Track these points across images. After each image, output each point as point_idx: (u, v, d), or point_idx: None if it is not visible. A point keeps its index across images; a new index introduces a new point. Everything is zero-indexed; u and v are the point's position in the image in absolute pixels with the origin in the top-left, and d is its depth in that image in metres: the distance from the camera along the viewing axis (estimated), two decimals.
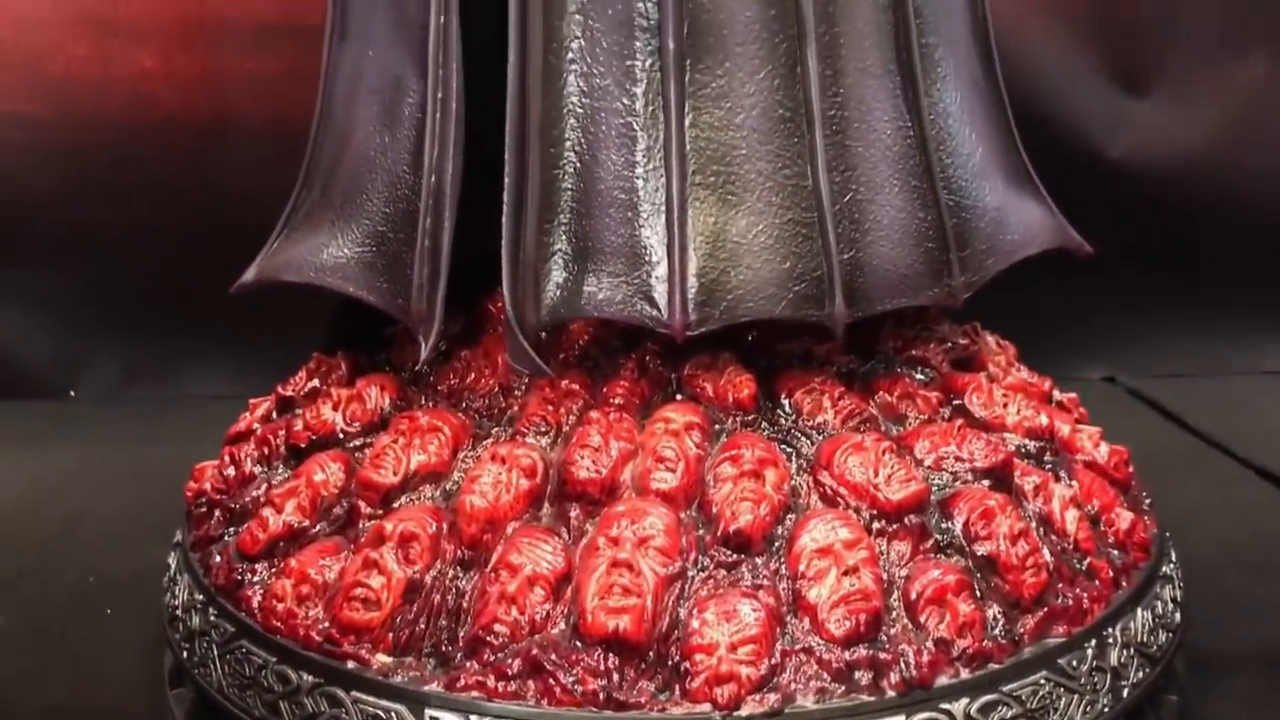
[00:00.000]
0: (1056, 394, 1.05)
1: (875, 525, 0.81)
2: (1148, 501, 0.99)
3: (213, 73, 1.57)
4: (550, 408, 0.88)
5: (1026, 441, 0.92)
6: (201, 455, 1.08)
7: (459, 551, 0.80)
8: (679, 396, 0.89)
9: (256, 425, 1.02)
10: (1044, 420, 0.93)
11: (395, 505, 0.85)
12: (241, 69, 1.57)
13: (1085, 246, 1.03)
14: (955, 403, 0.94)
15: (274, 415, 1.01)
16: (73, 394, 1.67)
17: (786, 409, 0.88)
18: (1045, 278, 1.11)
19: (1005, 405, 0.94)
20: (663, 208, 0.84)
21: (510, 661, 0.75)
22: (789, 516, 0.81)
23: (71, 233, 1.61)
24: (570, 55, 0.86)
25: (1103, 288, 1.63)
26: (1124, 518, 0.91)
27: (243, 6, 1.56)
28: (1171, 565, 0.95)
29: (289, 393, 1.01)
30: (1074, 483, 0.91)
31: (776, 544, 0.79)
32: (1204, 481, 1.38)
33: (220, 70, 1.57)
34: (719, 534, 0.79)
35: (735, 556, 0.78)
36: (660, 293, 0.83)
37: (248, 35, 1.57)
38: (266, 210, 1.14)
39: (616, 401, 0.87)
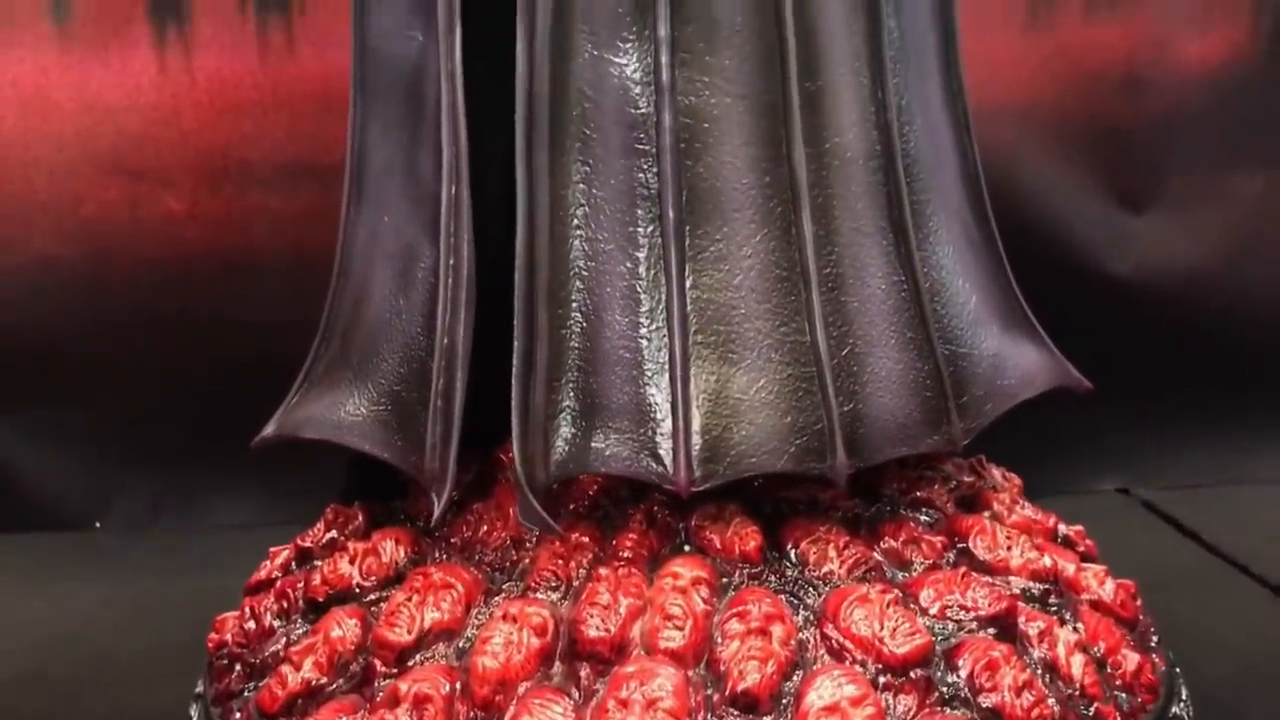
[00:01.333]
0: (1062, 528, 1.06)
1: (881, 679, 0.82)
2: (1155, 638, 0.99)
3: (237, 212, 1.63)
4: (560, 561, 0.90)
5: (1031, 584, 0.93)
6: (227, 588, 1.10)
7: (472, 713, 0.82)
8: (687, 548, 0.91)
9: (276, 574, 1.04)
10: (1048, 562, 0.95)
11: (410, 664, 0.86)
12: (265, 208, 1.63)
13: (1084, 383, 1.06)
14: (960, 546, 0.95)
15: (293, 567, 1.03)
16: (99, 525, 1.70)
17: (793, 559, 0.90)
18: (1056, 391, 1.13)
19: (1009, 547, 0.95)
20: (666, 366, 0.87)
21: None
22: (796, 672, 0.82)
23: (100, 368, 1.65)
24: (575, 221, 0.90)
25: (1114, 400, 1.64)
26: (1131, 659, 0.91)
27: (264, 149, 1.62)
28: (1182, 704, 0.95)
29: (308, 544, 1.03)
30: (1079, 625, 0.92)
31: (784, 701, 0.80)
32: (1221, 602, 1.37)
33: (244, 210, 1.63)
34: (727, 693, 0.80)
35: (744, 716, 0.79)
36: (665, 449, 0.86)
37: (270, 176, 1.62)
38: (289, 343, 1.18)
39: (625, 555, 0.89)
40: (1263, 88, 1.66)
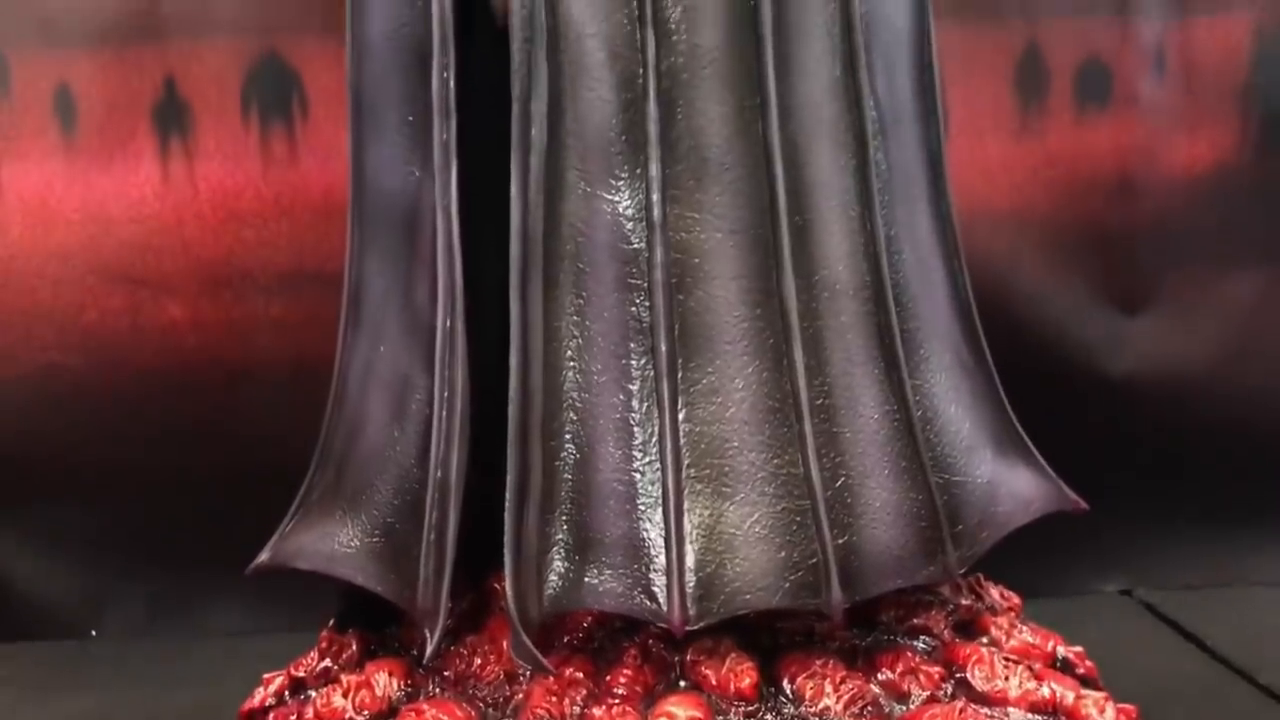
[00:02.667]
0: (1062, 650, 1.06)
1: None
2: None
3: (237, 320, 1.64)
4: (554, 698, 0.89)
5: (1029, 717, 0.92)
6: (222, 698, 1.09)
7: None
8: (682, 684, 0.90)
9: (271, 701, 1.03)
10: (1046, 693, 0.94)
11: None
12: (265, 316, 1.64)
13: (1080, 504, 1.06)
14: (958, 676, 0.94)
15: (286, 696, 1.02)
16: (94, 633, 1.69)
17: (789, 695, 0.89)
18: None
19: (1007, 677, 0.94)
20: (660, 501, 0.87)
21: None
22: None
23: (98, 474, 1.65)
24: (569, 354, 0.91)
25: (1114, 501, 1.64)
26: None
27: (266, 257, 1.63)
28: None
29: (301, 674, 1.02)
30: None
31: None
32: (1225, 714, 1.36)
33: (244, 318, 1.64)
34: None
35: None
36: (659, 586, 0.86)
37: (271, 283, 1.64)
38: (288, 450, 1.18)
39: (619, 692, 0.89)
40: (1253, 190, 1.67)
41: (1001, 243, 1.66)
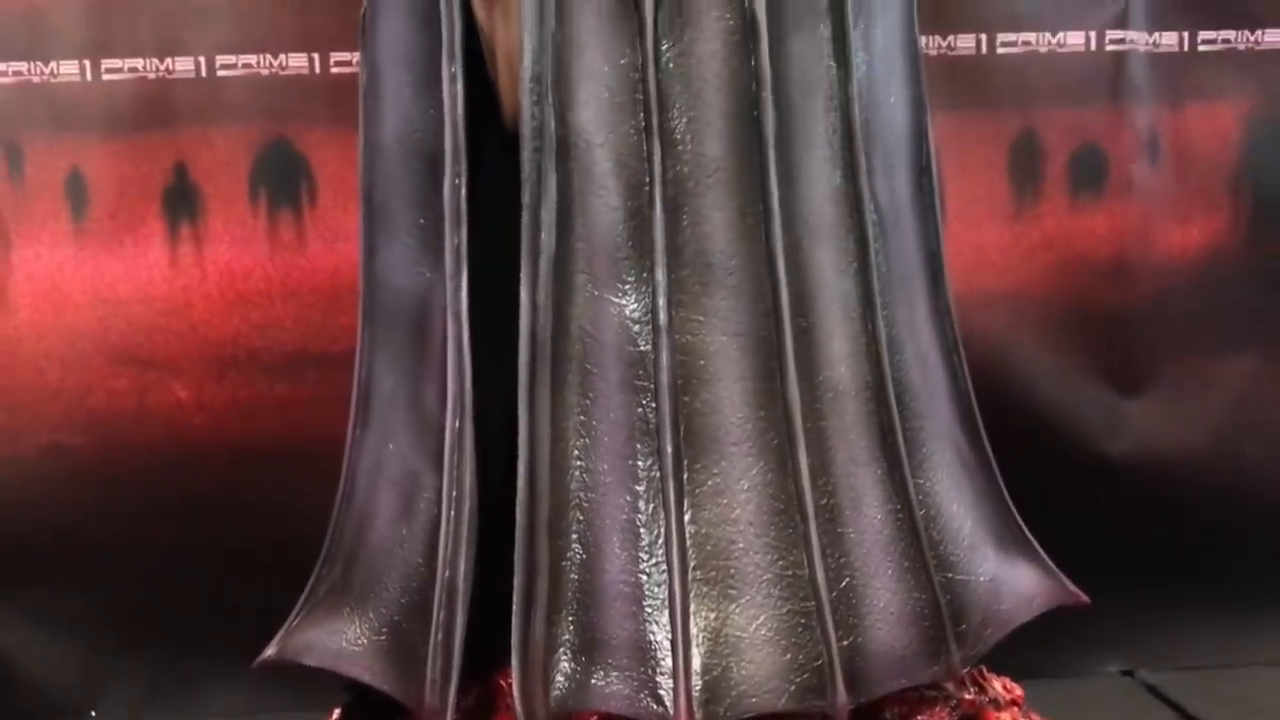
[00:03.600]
0: None
1: None
2: None
3: (242, 401, 1.65)
4: None
5: None
6: None
7: None
8: None
9: None
10: None
11: None
12: (269, 396, 1.65)
13: (1082, 598, 1.07)
14: None
15: None
16: (94, 714, 1.68)
17: None
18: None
19: None
20: (666, 603, 0.88)
21: None
22: None
23: (100, 553, 1.65)
24: (576, 453, 0.92)
25: (1116, 582, 1.65)
26: None
27: (271, 338, 1.65)
28: None
29: None
30: None
31: None
32: None
33: (250, 398, 1.65)
34: None
35: None
36: (666, 689, 0.86)
37: (276, 364, 1.65)
38: (291, 531, 1.19)
39: None
40: (1246, 273, 1.70)
41: (998, 325, 1.68)
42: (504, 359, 0.94)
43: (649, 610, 0.88)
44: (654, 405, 0.91)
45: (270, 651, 1.04)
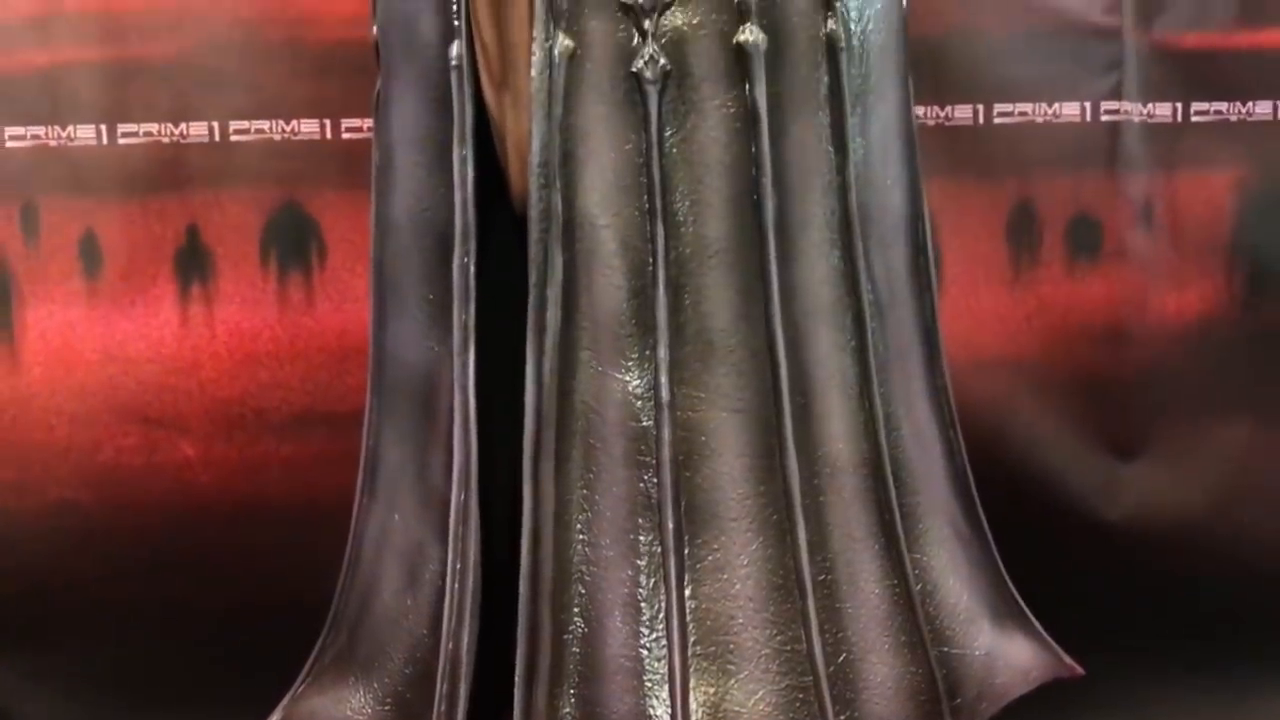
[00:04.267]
0: None
1: None
2: None
3: (249, 459, 1.67)
4: None
5: None
6: None
7: None
8: None
9: None
10: None
11: None
12: (276, 455, 1.67)
13: (1077, 670, 1.08)
14: None
15: None
16: None
17: None
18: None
19: None
20: (665, 678, 0.90)
21: None
22: None
23: (106, 611, 1.67)
24: (579, 527, 0.94)
25: (1114, 647, 1.66)
26: None
27: (279, 397, 1.67)
28: None
29: None
30: None
31: None
32: None
33: (256, 457, 1.67)
34: None
35: None
36: None
37: (283, 423, 1.68)
38: (297, 589, 1.20)
39: None
40: (1240, 339, 1.72)
41: (995, 390, 1.70)
42: (509, 431, 0.96)
43: (649, 685, 0.90)
44: (655, 481, 0.93)
45: (275, 718, 1.05)
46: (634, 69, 0.93)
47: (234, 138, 1.66)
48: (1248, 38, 1.71)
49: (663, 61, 0.93)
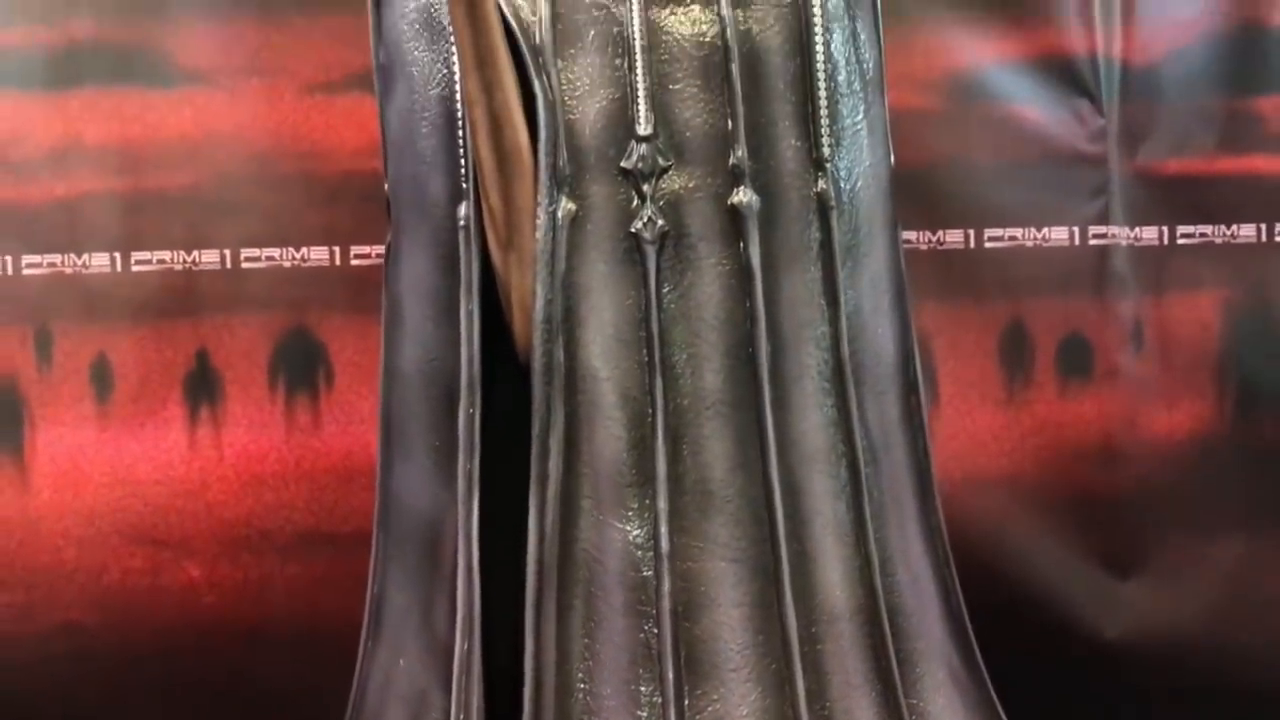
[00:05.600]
0: None
1: None
2: None
3: (254, 580, 1.69)
4: None
5: None
6: None
7: None
8: None
9: None
10: None
11: None
12: (280, 576, 1.69)
13: None
14: None
15: None
16: None
17: None
18: None
19: None
20: None
21: None
22: None
23: None
24: (580, 675, 0.96)
25: None
26: None
27: (284, 518, 1.69)
28: None
29: None
30: None
31: None
32: None
33: (261, 578, 1.69)
34: None
35: None
36: None
37: (288, 544, 1.69)
38: (300, 711, 1.21)
39: None
40: (1231, 457, 1.75)
41: (992, 509, 1.72)
42: (512, 577, 0.98)
43: None
44: (656, 631, 0.95)
45: None
46: (633, 229, 0.97)
47: (245, 264, 1.70)
48: (1229, 163, 1.76)
49: (661, 222, 0.97)
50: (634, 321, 0.97)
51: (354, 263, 1.70)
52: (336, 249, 1.69)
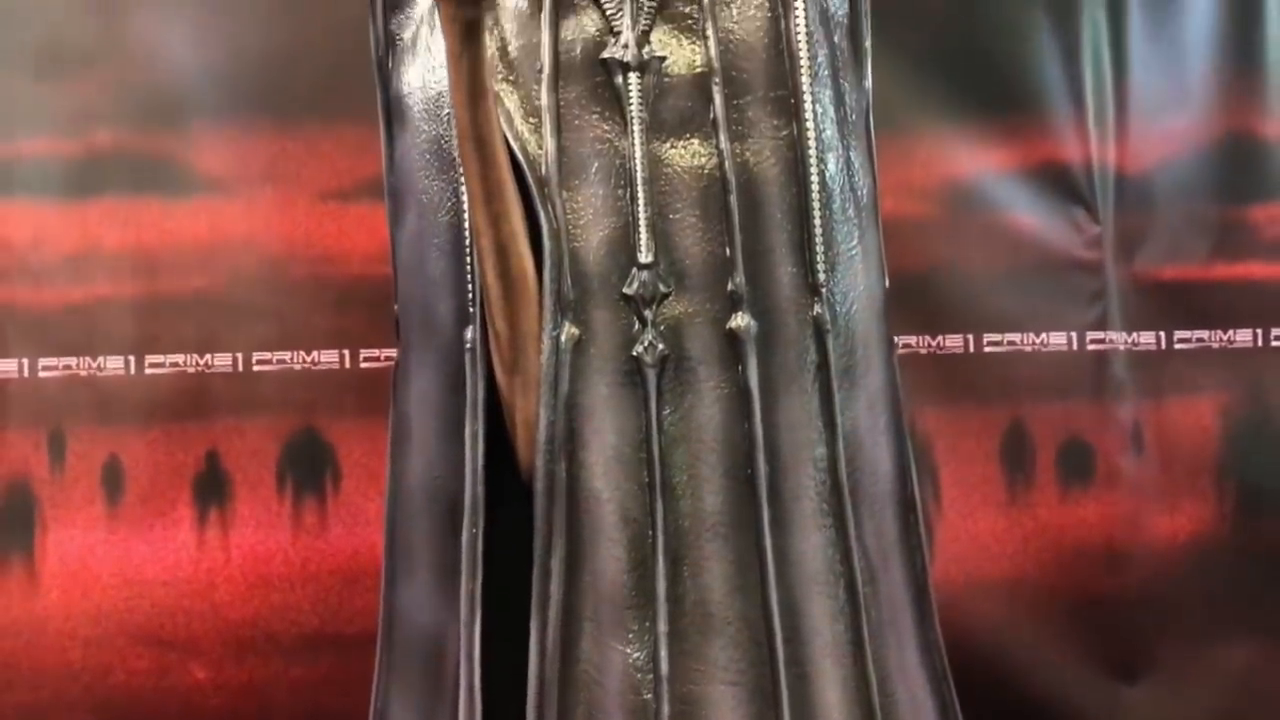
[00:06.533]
0: None
1: None
2: None
3: (259, 681, 1.69)
4: None
5: None
6: None
7: None
8: None
9: None
10: None
11: None
12: (285, 677, 1.69)
13: None
14: None
15: None
16: None
17: None
18: None
19: None
20: None
21: None
22: None
23: None
24: None
25: None
26: None
27: (290, 620, 1.70)
28: None
29: None
30: None
31: None
32: None
33: (266, 679, 1.69)
34: None
35: None
36: None
37: (293, 645, 1.70)
38: None
39: None
40: (1234, 561, 1.75)
41: (996, 613, 1.72)
42: (514, 693, 0.99)
43: None
44: None
45: None
46: (634, 353, 1.00)
47: (256, 367, 1.74)
48: (1224, 269, 1.79)
49: (661, 347, 1.00)
50: (635, 443, 0.99)
51: (363, 365, 1.73)
52: (346, 352, 1.73)
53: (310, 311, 1.72)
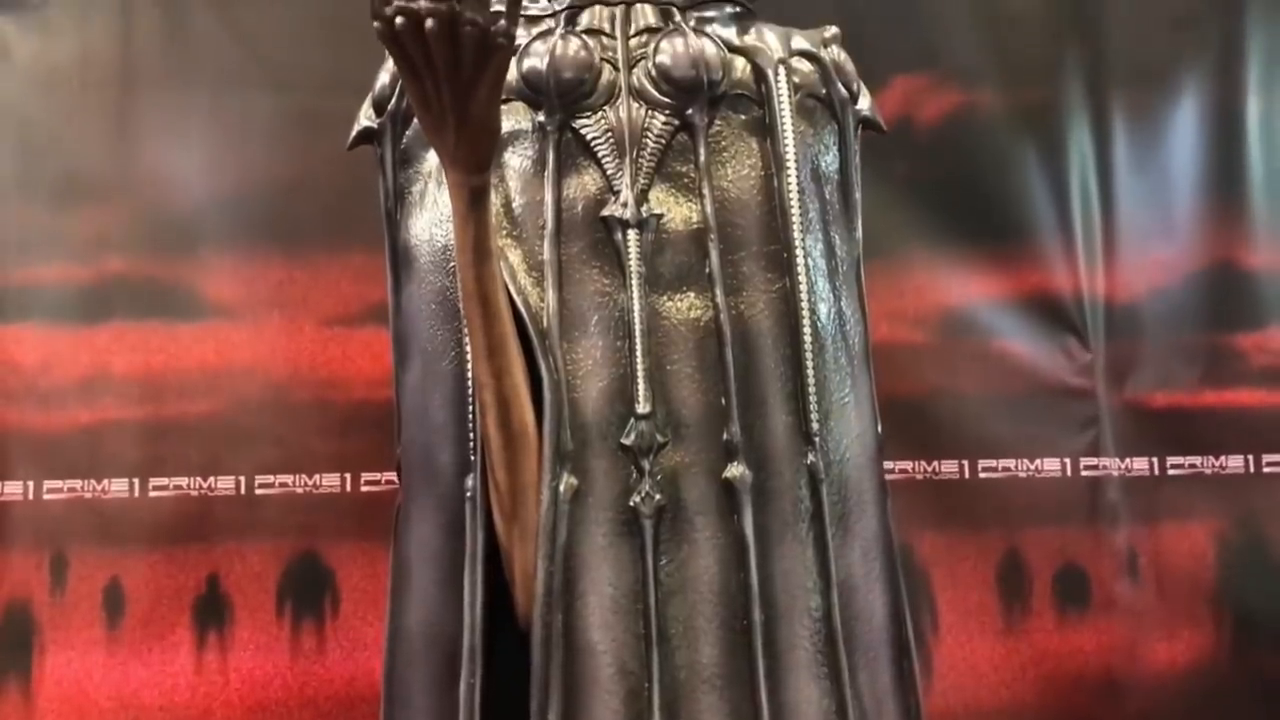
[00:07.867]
0: None
1: None
2: None
3: None
4: None
5: None
6: None
7: None
8: None
9: None
10: None
11: None
12: None
13: None
14: None
15: None
16: None
17: None
18: None
19: None
20: None
21: None
22: None
23: None
24: None
25: None
26: None
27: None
28: None
29: None
30: None
31: None
32: None
33: None
34: None
35: None
36: None
37: None
38: None
39: None
40: (1233, 688, 1.75)
41: (996, 695, 1.71)
42: None
43: None
44: None
45: None
46: (632, 503, 1.02)
47: (259, 491, 1.75)
48: (1214, 396, 1.82)
49: (658, 497, 1.02)
50: (632, 594, 1.00)
51: (364, 489, 1.74)
52: (348, 475, 1.74)
53: (313, 435, 1.73)
